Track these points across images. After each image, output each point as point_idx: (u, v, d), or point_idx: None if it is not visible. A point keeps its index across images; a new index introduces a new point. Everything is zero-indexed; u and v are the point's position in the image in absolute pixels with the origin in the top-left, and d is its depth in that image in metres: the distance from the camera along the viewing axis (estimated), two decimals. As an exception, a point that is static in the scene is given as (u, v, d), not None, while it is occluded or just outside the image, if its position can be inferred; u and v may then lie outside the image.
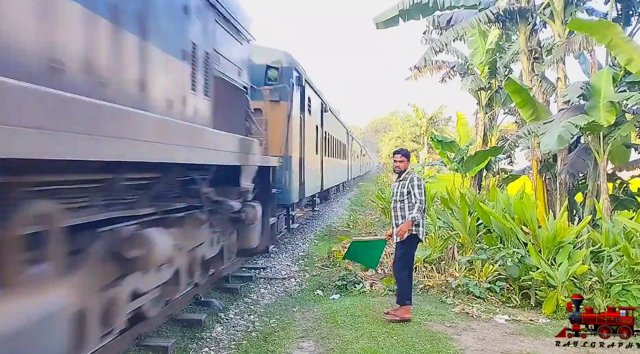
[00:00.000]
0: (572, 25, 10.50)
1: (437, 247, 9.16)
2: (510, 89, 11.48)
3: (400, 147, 7.76)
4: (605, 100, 9.94)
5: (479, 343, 5.50)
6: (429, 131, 46.58)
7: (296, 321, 6.30)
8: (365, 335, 5.60)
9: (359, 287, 7.83)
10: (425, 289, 7.74)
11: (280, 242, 11.91)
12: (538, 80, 13.21)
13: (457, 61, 20.46)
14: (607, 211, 10.19)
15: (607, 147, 10.39)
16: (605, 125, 9.86)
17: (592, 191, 11.04)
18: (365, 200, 25.55)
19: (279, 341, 5.52)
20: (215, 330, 5.86)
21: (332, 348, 5.24)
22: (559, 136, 9.30)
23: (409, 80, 19.68)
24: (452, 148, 20.20)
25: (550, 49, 13.97)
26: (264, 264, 9.59)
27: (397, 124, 72.65)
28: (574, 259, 7.26)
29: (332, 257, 9.82)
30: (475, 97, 20.37)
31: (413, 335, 5.60)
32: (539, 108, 11.62)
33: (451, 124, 57.03)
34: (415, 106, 49.25)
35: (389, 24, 14.08)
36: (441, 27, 15.43)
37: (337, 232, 13.94)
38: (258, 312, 6.72)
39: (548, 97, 13.67)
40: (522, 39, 13.40)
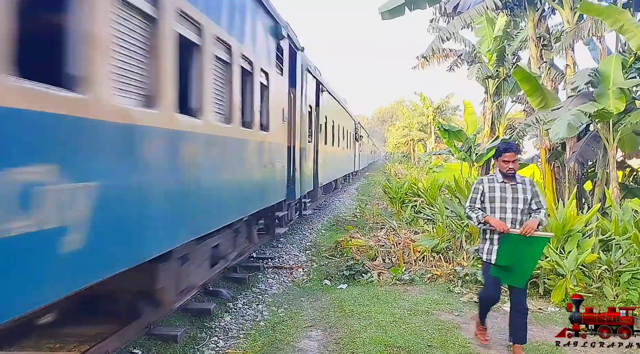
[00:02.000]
0: (582, 8, 10.33)
1: (444, 236, 9.14)
2: (518, 77, 11.38)
3: (507, 141, 5.13)
4: (614, 87, 9.83)
5: (487, 331, 5.49)
6: (436, 120, 46.31)
7: (304, 310, 6.32)
8: (373, 324, 5.61)
9: (367, 276, 7.84)
10: (433, 278, 7.74)
11: (289, 232, 11.93)
12: (547, 67, 13.08)
13: (465, 49, 20.30)
14: (617, 199, 10.11)
15: (617, 134, 10.29)
16: (614, 112, 9.75)
17: (602, 179, 10.96)
18: (372, 190, 25.52)
19: (287, 331, 5.54)
20: (224, 319, 5.90)
21: (341, 337, 5.26)
22: (568, 124, 9.22)
23: (415, 69, 19.59)
24: (459, 137, 20.11)
25: (559, 36, 13.80)
26: (272, 254, 9.62)
27: (404, 114, 72.33)
28: (583, 247, 7.22)
29: (340, 247, 9.83)
30: (482, 86, 20.22)
31: (421, 324, 5.61)
32: (548, 96, 11.52)
33: (458, 113, 56.85)
34: (422, 94, 48.91)
35: (395, 13, 13.91)
36: (448, 14, 15.27)
37: (345, 222, 13.94)
38: (266, 302, 6.75)
39: (557, 85, 13.54)
40: (530, 25, 13.25)
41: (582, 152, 11.12)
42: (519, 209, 4.75)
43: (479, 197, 4.89)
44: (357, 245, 9.65)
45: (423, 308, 6.20)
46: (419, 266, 8.33)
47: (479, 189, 4.90)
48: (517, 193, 4.79)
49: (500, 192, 4.81)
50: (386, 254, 8.98)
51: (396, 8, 13.76)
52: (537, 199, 4.81)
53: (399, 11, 13.86)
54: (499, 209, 4.78)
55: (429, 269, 8.04)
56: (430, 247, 8.76)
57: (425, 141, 65.96)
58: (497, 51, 18.42)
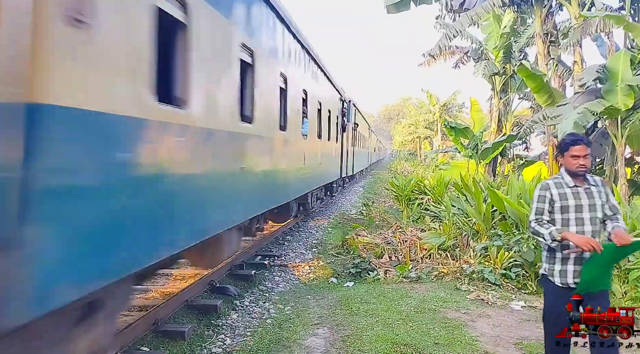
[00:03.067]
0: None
1: (451, 234, 9.11)
2: (523, 74, 11.34)
3: (576, 134, 4.50)
4: (622, 83, 9.77)
5: (495, 329, 5.49)
6: (443, 118, 46.19)
7: (311, 308, 6.33)
8: (380, 322, 5.61)
9: (373, 274, 7.83)
10: (439, 276, 7.72)
11: (295, 229, 11.95)
12: (554, 64, 13.02)
13: (471, 46, 20.23)
14: (625, 195, 10.05)
15: (625, 131, 10.24)
16: (623, 109, 9.70)
17: (610, 175, 10.90)
18: (378, 187, 25.49)
19: (294, 328, 5.55)
20: (231, 317, 5.91)
21: (347, 335, 5.25)
22: (574, 123, 9.19)
23: (422, 67, 19.54)
24: (465, 135, 20.03)
25: (567, 32, 13.73)
26: (278, 252, 9.63)
27: (410, 111, 72.16)
28: (591, 245, 7.16)
29: (346, 244, 9.83)
30: (489, 83, 20.13)
31: (428, 322, 5.60)
32: (554, 93, 11.48)
33: (465, 110, 56.69)
34: (428, 92, 48.74)
35: (401, 7, 13.86)
36: (454, 11, 15.21)
37: (351, 220, 13.93)
38: (273, 299, 6.76)
39: (564, 81, 13.47)
40: (537, 22, 13.19)
41: (590, 149, 11.06)
42: (597, 219, 3.81)
43: (546, 208, 3.86)
44: (364, 243, 9.65)
45: (430, 305, 6.19)
46: (425, 263, 8.32)
47: (547, 196, 3.86)
48: (594, 199, 3.83)
49: (574, 199, 3.81)
50: (393, 251, 8.97)
51: (402, 2, 13.73)
52: (611, 202, 3.88)
53: (405, 5, 13.82)
54: (575, 221, 3.79)
55: (435, 267, 8.02)
56: (437, 245, 8.73)
57: (432, 138, 65.79)
58: (503, 48, 18.33)
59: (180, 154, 4.03)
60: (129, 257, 3.28)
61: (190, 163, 4.25)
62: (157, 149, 3.65)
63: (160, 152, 3.71)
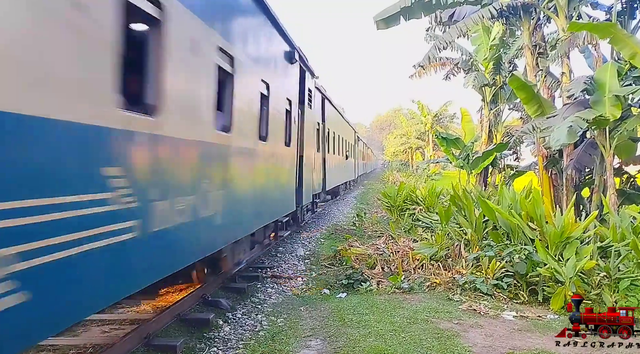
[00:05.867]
0: (572, 27, 10.48)
1: (443, 244, 9.14)
2: (514, 85, 11.47)
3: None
4: (610, 94, 9.90)
5: (487, 339, 5.50)
6: (434, 128, 46.45)
7: (303, 319, 6.31)
8: (372, 333, 5.61)
9: (366, 285, 7.83)
10: (432, 286, 7.73)
11: (287, 241, 11.93)
12: (543, 75, 13.16)
13: (461, 57, 20.42)
14: (615, 205, 10.14)
15: (614, 141, 10.35)
16: (611, 119, 9.82)
17: (599, 185, 11.00)
18: (370, 198, 25.53)
19: (286, 340, 5.53)
20: (223, 330, 5.88)
21: (340, 347, 5.24)
22: (569, 130, 9.27)
23: (412, 78, 19.68)
24: (457, 145, 20.14)
25: (555, 44, 13.91)
26: (271, 264, 9.61)
27: (402, 122, 72.45)
28: (582, 254, 7.23)
29: (339, 255, 9.82)
30: (479, 94, 20.32)
31: (420, 333, 5.60)
32: (544, 103, 11.60)
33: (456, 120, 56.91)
34: (419, 102, 49.05)
35: (390, 22, 13.93)
36: (444, 23, 15.35)
37: (343, 231, 13.94)
38: (265, 311, 6.74)
39: (553, 92, 13.62)
40: (526, 34, 13.34)
41: (579, 159, 11.17)
42: None
43: None
44: (356, 254, 9.65)
45: (422, 316, 6.19)
46: (418, 274, 8.33)
47: None
48: None
49: None
50: (385, 262, 8.97)
51: (391, 17, 13.79)
52: None
53: (394, 20, 13.88)
54: None
55: (428, 277, 8.04)
56: (429, 255, 8.75)
57: (424, 148, 66.01)
58: (493, 59, 18.55)
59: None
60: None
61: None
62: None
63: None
